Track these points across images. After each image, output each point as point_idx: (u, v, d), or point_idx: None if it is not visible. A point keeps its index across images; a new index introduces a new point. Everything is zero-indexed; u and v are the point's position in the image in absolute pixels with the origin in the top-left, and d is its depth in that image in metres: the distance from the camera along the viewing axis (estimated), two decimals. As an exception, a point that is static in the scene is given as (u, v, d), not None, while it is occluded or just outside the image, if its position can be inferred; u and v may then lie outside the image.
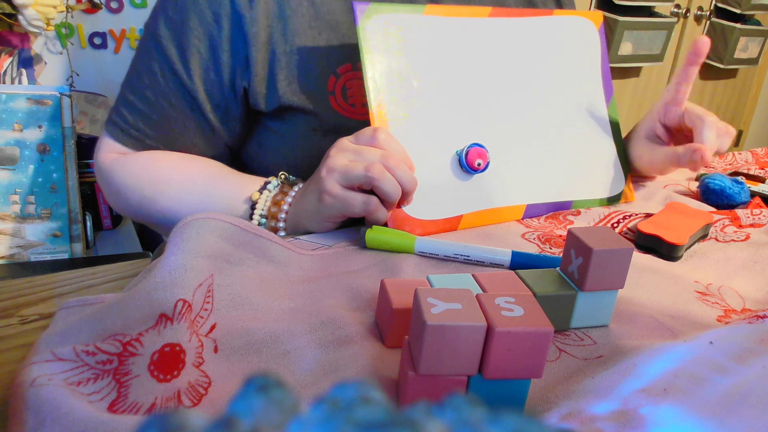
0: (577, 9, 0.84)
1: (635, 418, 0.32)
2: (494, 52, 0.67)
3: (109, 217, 1.09)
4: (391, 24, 0.61)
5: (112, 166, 0.70)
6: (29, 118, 0.90)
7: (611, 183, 0.74)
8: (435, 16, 0.63)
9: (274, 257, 0.51)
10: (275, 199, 0.63)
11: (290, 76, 0.66)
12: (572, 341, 0.44)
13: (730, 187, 0.74)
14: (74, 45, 1.21)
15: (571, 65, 0.72)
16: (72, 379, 0.34)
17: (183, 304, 0.38)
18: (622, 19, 1.87)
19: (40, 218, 0.91)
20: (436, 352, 0.33)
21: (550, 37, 0.71)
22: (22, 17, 1.05)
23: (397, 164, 0.55)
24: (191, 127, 0.69)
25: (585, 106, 0.73)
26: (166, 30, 0.65)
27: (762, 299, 0.53)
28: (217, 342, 0.40)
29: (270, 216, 0.62)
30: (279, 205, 0.62)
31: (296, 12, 0.65)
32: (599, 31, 0.75)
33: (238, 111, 0.69)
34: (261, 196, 0.63)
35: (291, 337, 0.41)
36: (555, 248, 0.59)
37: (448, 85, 0.64)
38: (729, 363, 0.35)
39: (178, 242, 0.44)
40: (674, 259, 0.58)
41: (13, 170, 0.89)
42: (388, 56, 0.60)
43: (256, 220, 0.62)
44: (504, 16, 0.67)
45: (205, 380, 0.37)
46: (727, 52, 2.25)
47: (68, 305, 0.41)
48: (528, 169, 0.68)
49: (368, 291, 0.48)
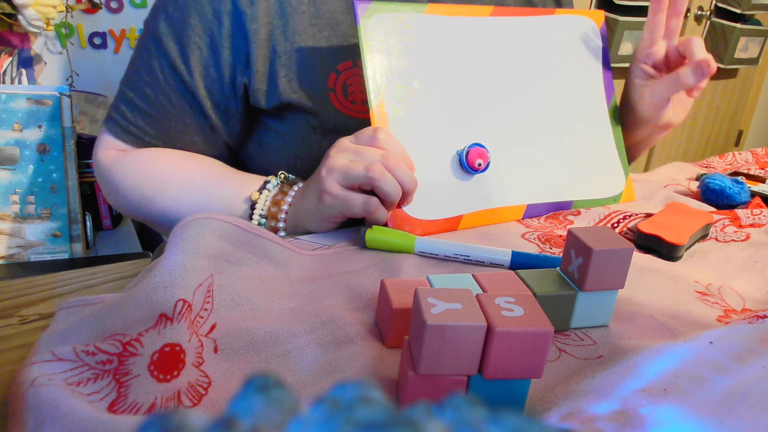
0: (577, 9, 0.84)
1: (635, 418, 0.32)
2: (495, 51, 0.67)
3: (109, 217, 1.09)
4: (391, 23, 0.61)
5: (112, 164, 0.70)
6: (29, 118, 0.90)
7: (612, 183, 0.74)
8: (436, 15, 0.63)
9: (274, 257, 0.51)
10: (275, 199, 0.63)
11: (291, 74, 0.66)
12: (572, 341, 0.44)
13: (730, 187, 0.74)
14: (74, 45, 1.21)
15: (572, 65, 0.72)
16: (72, 379, 0.34)
17: (183, 304, 0.38)
18: (622, 19, 1.87)
19: (40, 218, 0.91)
20: (436, 352, 0.33)
21: (552, 37, 0.70)
22: (22, 17, 1.05)
23: (397, 164, 0.55)
24: (191, 125, 0.69)
25: (586, 105, 0.73)
26: (166, 27, 0.64)
27: (762, 299, 0.53)
28: (217, 342, 0.40)
29: (270, 216, 0.62)
30: (279, 205, 0.62)
31: (297, 10, 0.65)
32: (601, 30, 0.75)
33: (238, 109, 0.69)
34: (261, 196, 0.63)
35: (291, 337, 0.41)
36: (555, 248, 0.59)
37: (449, 85, 0.64)
38: (729, 363, 0.35)
39: (178, 242, 0.44)
40: (674, 259, 0.58)
41: (13, 170, 0.89)
42: (388, 55, 0.60)
43: (256, 220, 0.62)
44: (505, 15, 0.67)
45: (205, 380, 0.37)
46: (727, 52, 2.25)
47: (68, 305, 0.41)
48: (528, 169, 0.68)
49: (368, 291, 0.48)
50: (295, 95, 0.66)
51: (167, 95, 0.67)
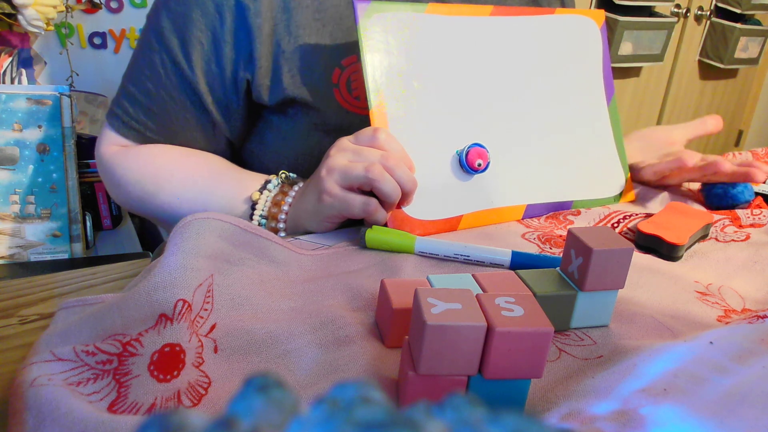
0: (578, 8, 0.84)
1: (635, 418, 0.32)
2: (495, 51, 0.67)
3: (109, 217, 1.09)
4: (391, 22, 0.61)
5: (114, 159, 0.70)
6: (29, 118, 0.90)
7: (612, 183, 0.74)
8: (436, 15, 0.63)
9: (274, 257, 0.51)
10: (275, 200, 0.62)
11: (294, 69, 0.66)
12: (572, 341, 0.44)
13: (733, 187, 0.73)
14: (74, 45, 1.21)
15: (572, 64, 0.72)
16: (72, 379, 0.34)
17: (183, 304, 0.38)
18: (622, 19, 1.87)
19: (40, 218, 0.91)
20: (436, 352, 0.33)
21: (552, 36, 0.70)
22: (21, 17, 1.05)
23: (396, 165, 0.55)
24: (191, 120, 0.69)
25: (586, 105, 0.73)
26: (168, 22, 0.64)
27: (762, 299, 0.53)
28: (217, 342, 0.40)
29: (270, 216, 0.62)
30: (279, 206, 0.62)
31: (300, 4, 0.65)
32: (601, 30, 0.74)
33: (240, 105, 0.69)
34: (261, 196, 0.63)
35: (291, 337, 0.41)
36: (555, 248, 0.59)
37: (449, 85, 0.64)
38: (729, 363, 0.35)
39: (178, 242, 0.44)
40: (674, 259, 0.58)
41: (13, 170, 0.89)
42: (388, 55, 0.60)
43: (257, 220, 0.62)
44: (505, 14, 0.67)
45: (205, 380, 0.37)
46: (727, 52, 2.25)
47: (68, 305, 0.41)
48: (528, 169, 0.68)
49: (368, 291, 0.48)
50: (299, 91, 0.66)
51: (168, 90, 0.67)
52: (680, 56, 2.28)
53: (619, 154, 0.75)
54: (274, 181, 0.64)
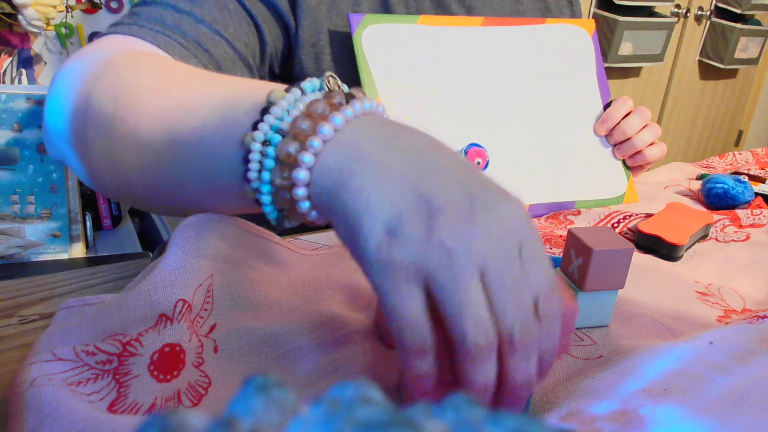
0: (567, 19, 0.85)
1: (635, 418, 0.32)
2: (489, 57, 0.67)
3: (109, 217, 1.09)
4: (386, 33, 0.62)
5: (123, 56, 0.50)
6: (29, 118, 0.90)
7: (614, 184, 0.74)
8: (429, 26, 0.64)
9: (274, 257, 0.51)
10: (311, 109, 0.34)
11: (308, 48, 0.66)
12: (572, 341, 0.44)
13: (733, 187, 0.73)
14: (74, 45, 1.21)
15: (566, 69, 0.73)
16: (72, 379, 0.34)
17: (183, 304, 0.38)
18: (622, 19, 1.87)
19: (40, 218, 0.91)
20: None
21: (543, 45, 0.71)
22: (22, 17, 1.05)
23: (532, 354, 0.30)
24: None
25: (581, 108, 0.74)
26: None
27: (762, 299, 0.53)
28: (217, 342, 0.40)
29: (293, 134, 0.33)
30: (317, 122, 0.33)
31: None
32: (592, 38, 0.75)
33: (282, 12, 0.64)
34: (286, 96, 0.35)
35: (291, 337, 0.41)
36: (555, 248, 0.59)
37: (446, 91, 0.64)
38: (729, 363, 0.35)
39: (178, 243, 0.44)
40: (674, 259, 0.58)
41: (13, 170, 0.89)
42: (384, 64, 0.61)
43: (263, 132, 0.34)
44: (497, 24, 0.68)
45: (205, 380, 0.37)
46: (727, 52, 2.25)
47: (68, 305, 0.41)
48: (528, 169, 0.68)
49: (368, 291, 0.48)
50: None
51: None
52: (680, 56, 2.28)
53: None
54: (313, 81, 0.37)
